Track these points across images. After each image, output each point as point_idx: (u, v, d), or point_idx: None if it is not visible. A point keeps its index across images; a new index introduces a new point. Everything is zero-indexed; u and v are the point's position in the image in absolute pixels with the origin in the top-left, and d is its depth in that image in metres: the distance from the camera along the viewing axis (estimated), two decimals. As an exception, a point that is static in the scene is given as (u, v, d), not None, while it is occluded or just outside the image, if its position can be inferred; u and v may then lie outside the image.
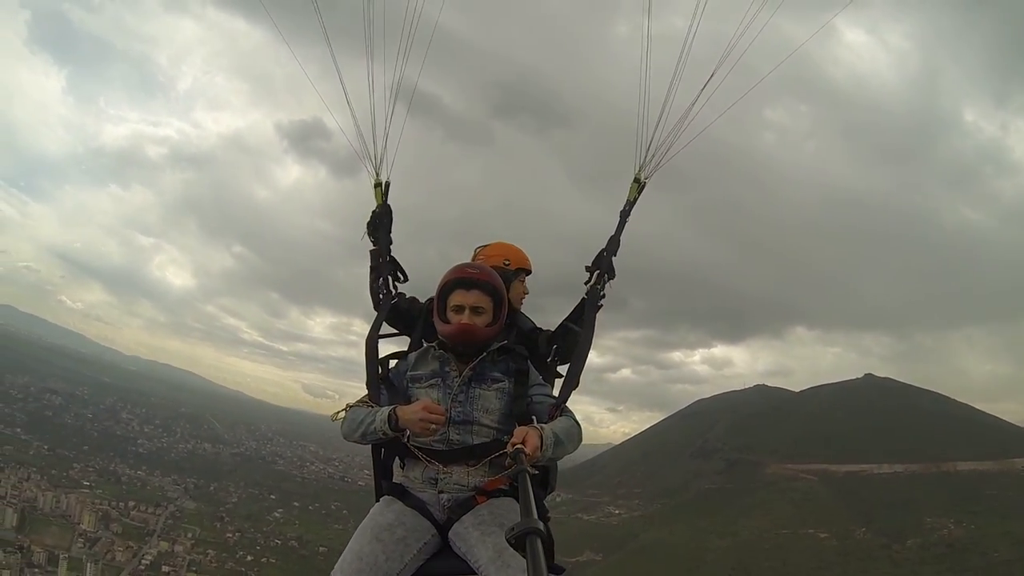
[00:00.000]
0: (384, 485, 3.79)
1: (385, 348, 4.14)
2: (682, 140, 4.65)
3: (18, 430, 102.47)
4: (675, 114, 4.60)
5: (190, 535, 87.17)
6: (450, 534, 3.45)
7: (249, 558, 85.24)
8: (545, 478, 3.93)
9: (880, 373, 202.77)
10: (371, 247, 4.81)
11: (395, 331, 4.58)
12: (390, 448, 3.83)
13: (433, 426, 3.39)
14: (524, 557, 1.89)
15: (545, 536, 1.95)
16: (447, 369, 3.74)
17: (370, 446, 3.80)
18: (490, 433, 3.60)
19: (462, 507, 3.49)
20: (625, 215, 4.81)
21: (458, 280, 3.67)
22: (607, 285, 4.59)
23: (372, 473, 3.94)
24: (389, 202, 5.00)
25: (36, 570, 67.40)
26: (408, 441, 3.61)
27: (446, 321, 3.68)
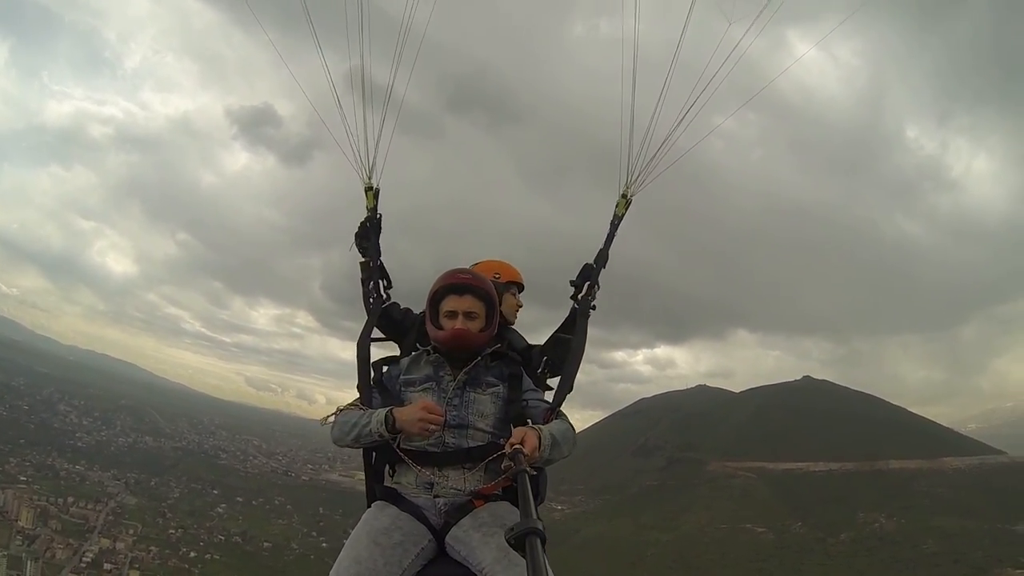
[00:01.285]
0: (377, 489, 3.75)
1: (376, 353, 4.18)
2: (667, 159, 4.75)
3: None
4: (659, 133, 4.74)
5: (132, 531, 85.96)
6: (448, 538, 3.41)
7: (192, 554, 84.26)
8: (536, 487, 3.72)
9: (818, 376, 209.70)
10: (360, 258, 4.82)
11: (384, 336, 4.64)
12: (381, 453, 3.80)
13: (432, 427, 3.42)
14: (524, 557, 1.97)
15: (545, 537, 2.03)
16: (441, 373, 3.73)
17: (361, 451, 3.83)
18: (485, 437, 3.60)
19: (459, 511, 3.46)
20: (613, 228, 4.87)
21: (450, 286, 3.71)
22: (595, 295, 4.68)
23: (364, 477, 3.90)
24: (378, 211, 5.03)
25: (-29, 569, 64.32)
26: (400, 445, 3.58)
27: (439, 327, 3.72)
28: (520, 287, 4.80)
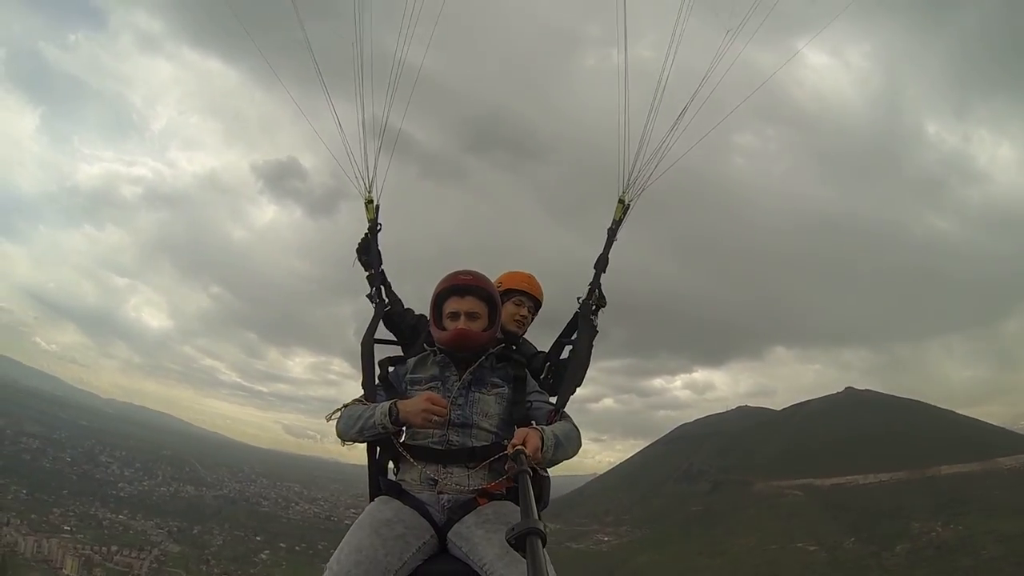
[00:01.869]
0: (381, 483, 3.80)
1: (381, 353, 4.28)
2: (661, 166, 4.84)
3: None
4: (655, 140, 4.83)
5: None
6: (450, 535, 3.42)
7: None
8: (539, 492, 3.82)
9: (860, 386, 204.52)
10: (364, 273, 4.99)
11: (393, 339, 4.79)
12: (385, 449, 3.81)
13: (436, 418, 3.42)
14: (524, 558, 1.93)
15: (546, 537, 2.00)
16: (447, 373, 3.78)
17: (365, 446, 3.82)
18: (489, 437, 3.63)
19: (463, 508, 3.47)
20: (612, 233, 4.95)
21: (452, 287, 3.74)
22: (599, 312, 4.73)
23: (368, 479, 3.91)
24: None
25: (19, 617, 64.38)
26: (403, 441, 3.67)
27: (442, 328, 3.76)
28: (528, 296, 4.87)
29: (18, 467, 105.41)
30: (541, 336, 5.07)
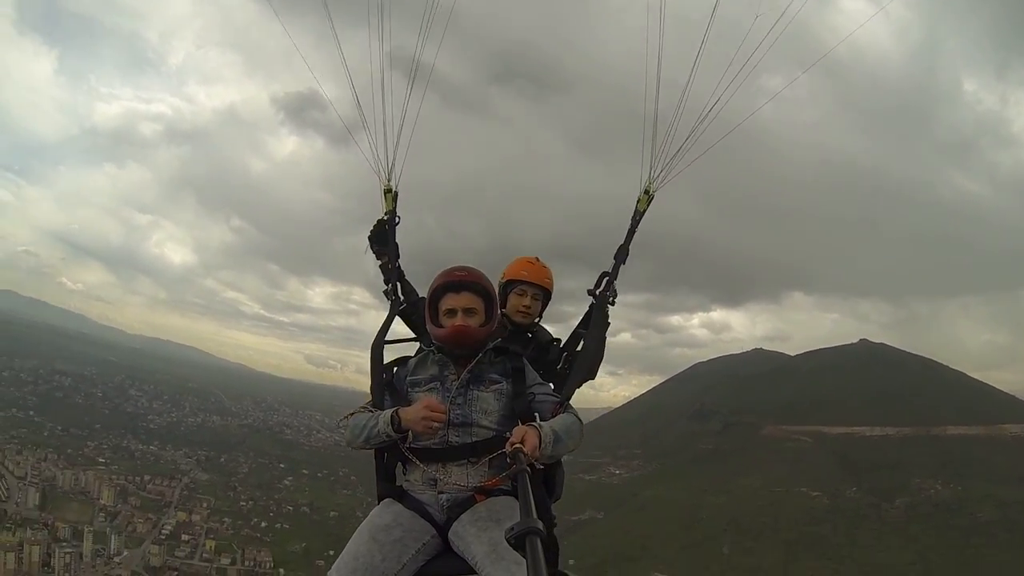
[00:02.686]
0: (384, 488, 3.78)
1: (391, 354, 4.19)
2: (688, 157, 4.73)
3: (31, 412, 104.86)
4: (685, 127, 4.68)
5: (205, 505, 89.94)
6: (449, 534, 3.44)
7: (263, 524, 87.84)
8: (551, 483, 3.99)
9: (876, 339, 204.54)
10: (377, 261, 5.00)
11: (404, 339, 4.60)
12: (392, 453, 3.79)
13: (435, 424, 3.42)
14: (524, 557, 1.86)
15: (545, 537, 1.92)
16: (446, 373, 3.74)
17: (373, 452, 3.82)
18: (489, 434, 3.59)
19: (461, 506, 3.48)
20: (634, 224, 4.90)
21: (447, 284, 3.72)
22: (614, 298, 4.77)
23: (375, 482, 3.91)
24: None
25: (63, 544, 69.03)
26: (407, 445, 3.63)
27: (439, 326, 3.72)
28: (529, 285, 4.78)
29: (52, 404, 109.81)
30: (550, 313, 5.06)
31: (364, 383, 4.23)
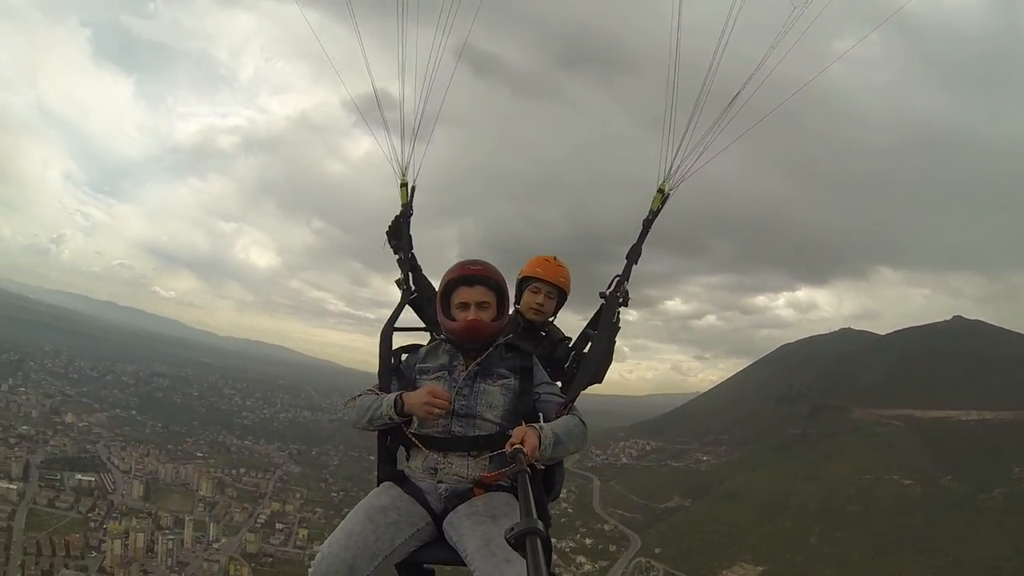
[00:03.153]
0: (385, 471, 3.80)
1: (401, 341, 4.25)
2: (707, 155, 4.61)
3: (133, 412, 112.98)
4: (701, 127, 4.58)
5: (298, 496, 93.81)
6: (444, 524, 3.49)
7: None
8: (550, 482, 4.04)
9: (970, 315, 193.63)
10: (395, 256, 5.00)
11: (416, 327, 4.69)
12: (395, 436, 3.82)
13: (436, 411, 3.47)
14: (524, 557, 1.84)
15: (546, 537, 1.93)
16: (455, 363, 3.78)
17: (376, 434, 3.86)
18: (492, 428, 3.63)
19: (459, 498, 3.53)
20: (648, 224, 4.81)
21: (461, 278, 3.73)
22: (625, 300, 4.68)
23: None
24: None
25: (166, 531, 73.25)
26: (411, 430, 3.67)
27: (451, 319, 3.74)
28: (544, 283, 4.77)
29: (152, 404, 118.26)
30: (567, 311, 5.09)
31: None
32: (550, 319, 4.92)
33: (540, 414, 3.76)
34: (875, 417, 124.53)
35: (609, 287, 4.67)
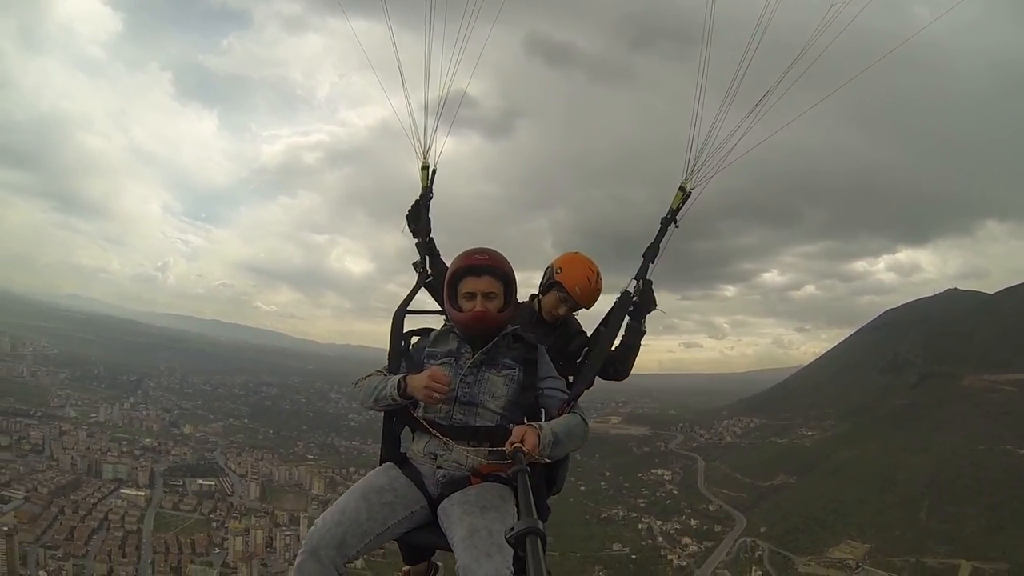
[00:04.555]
0: (387, 452, 3.84)
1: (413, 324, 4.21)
2: (737, 151, 4.49)
3: (245, 420, 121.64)
4: (729, 124, 4.38)
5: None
6: (438, 509, 3.51)
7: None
8: (552, 477, 4.00)
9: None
10: (414, 240, 5.05)
11: (430, 310, 4.68)
12: (400, 418, 3.84)
13: (436, 395, 3.44)
14: (524, 556, 1.87)
15: (546, 537, 1.94)
16: (462, 350, 3.77)
17: (382, 415, 3.89)
18: (494, 418, 3.63)
19: (455, 485, 3.54)
20: (666, 223, 4.71)
21: (468, 267, 3.69)
22: (643, 301, 4.64)
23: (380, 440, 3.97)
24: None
25: (283, 528, 77.76)
26: (416, 413, 3.69)
27: (458, 309, 3.72)
28: (574, 303, 4.62)
29: (263, 412, 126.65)
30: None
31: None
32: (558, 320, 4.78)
33: (542, 409, 3.80)
34: (987, 383, 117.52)
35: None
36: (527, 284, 4.42)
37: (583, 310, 4.75)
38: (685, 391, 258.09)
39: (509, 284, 3.75)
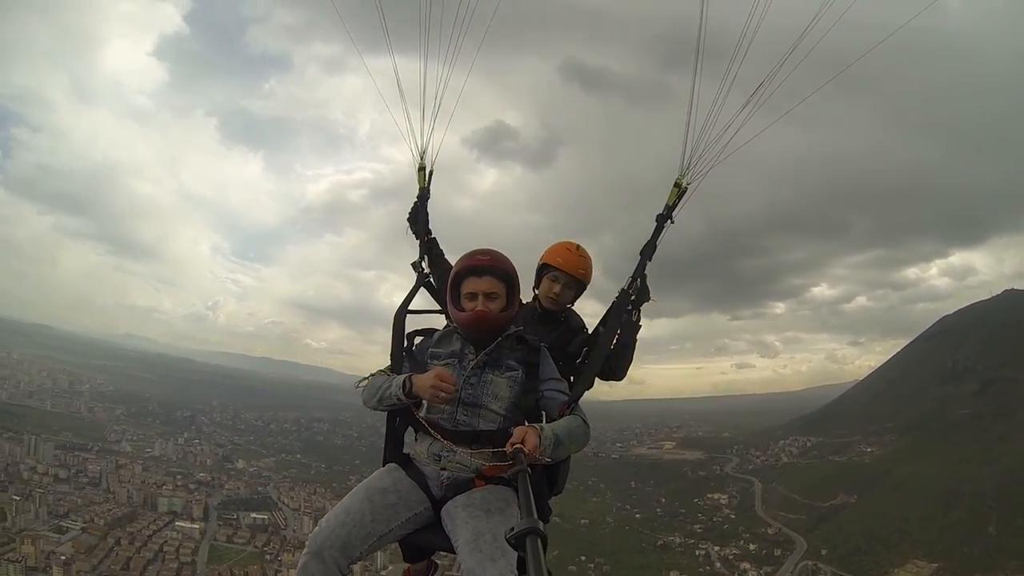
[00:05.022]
0: (391, 453, 3.89)
1: (414, 325, 4.26)
2: (732, 144, 4.45)
3: (298, 455, 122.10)
4: (726, 115, 4.39)
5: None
6: (441, 511, 3.53)
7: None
8: (553, 477, 4.01)
9: None
10: (416, 241, 5.13)
11: (431, 309, 4.75)
12: (404, 419, 3.88)
13: (442, 395, 3.47)
14: (524, 556, 1.87)
15: (546, 538, 1.94)
16: (466, 351, 3.78)
17: (386, 415, 3.93)
18: (497, 419, 3.63)
19: (459, 487, 3.56)
20: (662, 220, 4.75)
21: (470, 268, 3.70)
22: (640, 306, 4.70)
23: (384, 440, 4.03)
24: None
25: (339, 559, 78.55)
26: (419, 414, 3.72)
27: (460, 309, 3.72)
28: (562, 272, 4.68)
29: (315, 447, 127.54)
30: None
31: (605, 392, 4.84)
32: (568, 306, 4.87)
33: (543, 411, 3.81)
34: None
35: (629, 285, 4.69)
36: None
37: (584, 314, 4.87)
38: (739, 412, 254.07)
39: (511, 285, 3.78)
